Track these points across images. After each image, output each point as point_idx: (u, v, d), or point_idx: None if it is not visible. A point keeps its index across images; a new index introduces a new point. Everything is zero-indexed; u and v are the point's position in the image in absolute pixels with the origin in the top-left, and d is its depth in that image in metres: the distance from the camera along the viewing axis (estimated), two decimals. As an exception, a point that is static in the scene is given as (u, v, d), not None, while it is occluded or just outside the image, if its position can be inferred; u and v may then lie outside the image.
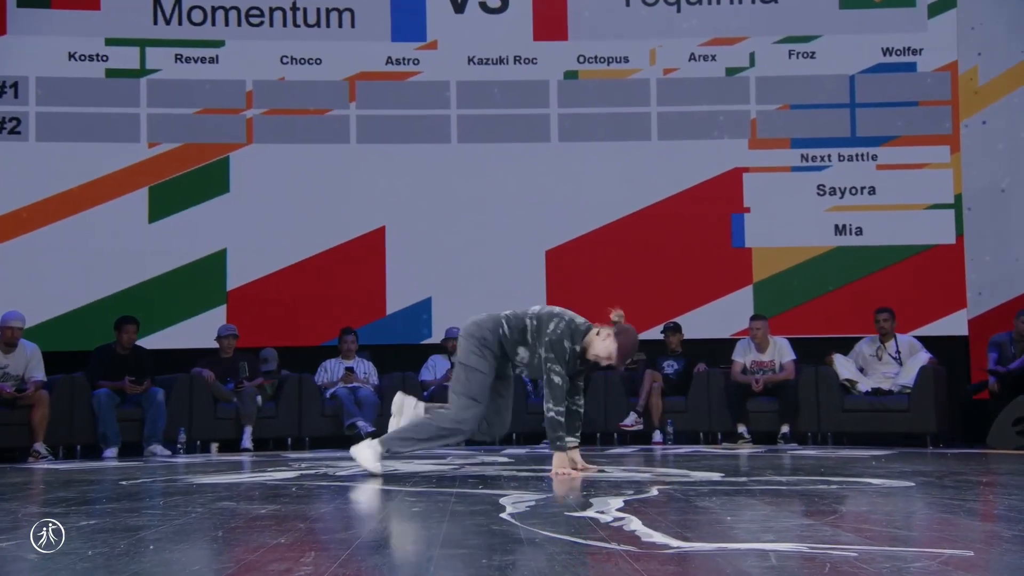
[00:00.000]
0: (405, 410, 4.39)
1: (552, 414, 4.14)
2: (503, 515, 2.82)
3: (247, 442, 7.04)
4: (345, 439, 7.17)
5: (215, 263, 8.23)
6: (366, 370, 7.65)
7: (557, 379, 4.12)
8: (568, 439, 4.24)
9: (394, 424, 4.38)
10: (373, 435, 6.94)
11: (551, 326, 4.20)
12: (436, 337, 8.08)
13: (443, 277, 8.34)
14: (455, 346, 7.68)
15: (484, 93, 8.52)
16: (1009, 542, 2.31)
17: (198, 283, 8.19)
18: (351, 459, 4.29)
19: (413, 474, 4.34)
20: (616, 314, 4.25)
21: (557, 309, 4.33)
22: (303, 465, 5.08)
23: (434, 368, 7.70)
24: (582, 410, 4.37)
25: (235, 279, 8.23)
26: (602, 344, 4.17)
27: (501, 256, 8.36)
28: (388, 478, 4.17)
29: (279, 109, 8.41)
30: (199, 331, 7.97)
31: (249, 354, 7.52)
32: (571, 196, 8.40)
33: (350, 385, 7.42)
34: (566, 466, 4.18)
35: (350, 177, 8.40)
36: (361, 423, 7.07)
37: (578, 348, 4.20)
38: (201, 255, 8.23)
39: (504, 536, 2.44)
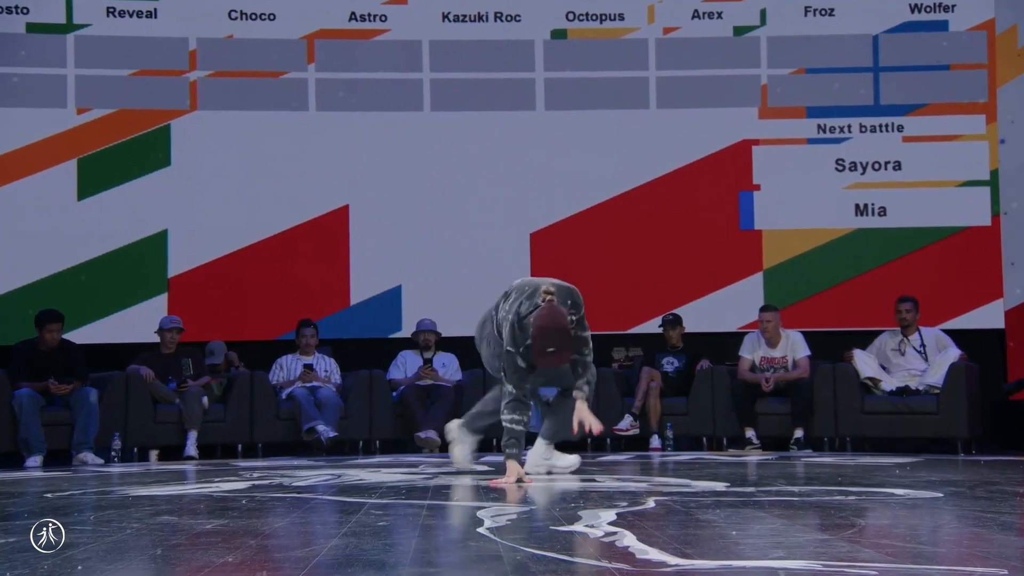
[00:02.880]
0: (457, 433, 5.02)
1: (507, 421, 4.54)
2: (481, 530, 2.84)
3: (191, 449, 7.02)
4: (303, 445, 7.18)
5: (154, 246, 8.18)
6: (327, 368, 7.65)
7: (512, 380, 4.51)
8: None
9: (458, 452, 5.08)
10: (335, 440, 7.05)
11: (506, 306, 4.39)
12: (406, 330, 8.08)
13: (414, 263, 8.33)
14: (428, 340, 7.79)
15: (461, 54, 8.49)
16: (1047, 559, 2.33)
17: (135, 269, 8.14)
18: (308, 466, 4.28)
19: (380, 484, 4.35)
20: (547, 285, 4.53)
21: (524, 282, 4.48)
22: (255, 475, 5.08)
23: (404, 365, 7.69)
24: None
25: (177, 264, 8.19)
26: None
27: (480, 239, 8.35)
28: (351, 489, 4.17)
29: (227, 71, 8.35)
30: (136, 323, 7.92)
31: (194, 349, 7.50)
32: (559, 172, 8.40)
33: (309, 384, 7.40)
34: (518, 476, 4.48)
35: (309, 149, 8.36)
36: (321, 427, 7.07)
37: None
38: (138, 237, 8.17)
39: (481, 553, 2.45)
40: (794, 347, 7.36)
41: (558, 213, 8.48)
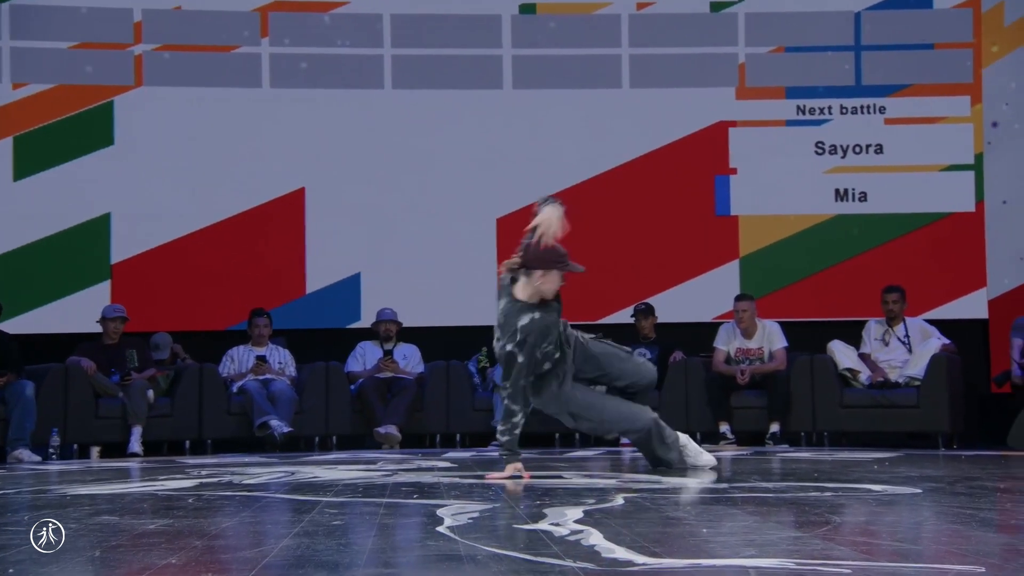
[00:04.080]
0: None
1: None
2: (441, 528, 2.84)
3: (135, 446, 6.97)
4: (255, 442, 7.14)
5: (96, 230, 8.10)
6: (281, 359, 7.61)
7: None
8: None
9: None
10: (289, 436, 7.03)
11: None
12: (366, 320, 8.06)
13: (374, 249, 8.31)
14: (388, 331, 7.78)
15: (424, 29, 8.46)
16: (1027, 556, 2.37)
17: (76, 254, 8.07)
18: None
19: (336, 482, 4.34)
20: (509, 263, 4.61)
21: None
22: (203, 472, 5.06)
23: (363, 357, 7.68)
24: None
25: (121, 250, 8.12)
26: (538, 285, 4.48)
27: (444, 225, 8.34)
28: (306, 487, 4.16)
29: (174, 45, 8.27)
30: (77, 312, 7.86)
31: (139, 340, 7.45)
32: (527, 154, 8.40)
33: (262, 377, 7.38)
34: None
35: (262, 128, 8.30)
36: (275, 422, 7.04)
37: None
38: (79, 221, 8.10)
39: (440, 553, 2.45)
40: (770, 338, 7.42)
41: (526, 197, 8.40)
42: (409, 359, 7.67)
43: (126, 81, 8.21)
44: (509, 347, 4.47)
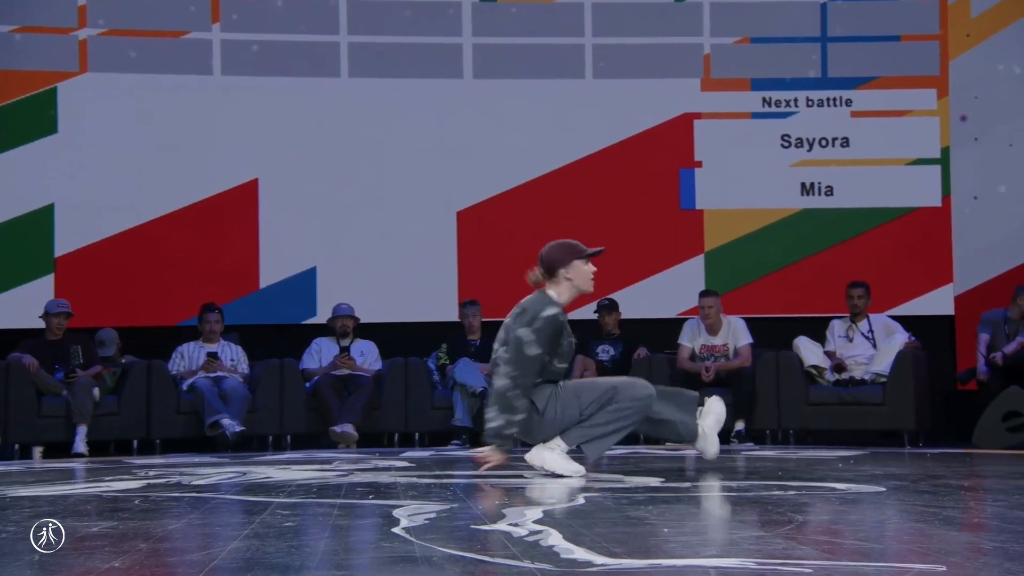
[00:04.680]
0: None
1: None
2: (396, 529, 2.84)
3: (80, 445, 6.90)
4: (206, 441, 7.09)
5: (39, 222, 8.01)
6: (233, 356, 7.57)
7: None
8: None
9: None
10: (241, 435, 6.98)
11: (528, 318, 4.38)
12: (322, 316, 8.03)
13: (330, 243, 8.28)
14: (345, 326, 7.75)
15: (382, 16, 8.43)
16: (989, 555, 2.41)
17: (17, 247, 7.98)
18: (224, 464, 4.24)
19: (289, 482, 4.33)
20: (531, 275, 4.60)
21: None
22: (151, 473, 5.02)
23: (319, 353, 7.65)
24: None
25: (65, 243, 8.04)
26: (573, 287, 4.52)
27: (402, 218, 8.32)
28: (257, 488, 4.14)
29: (121, 29, 8.18)
30: (19, 307, 7.77)
31: (84, 336, 7.37)
32: (488, 146, 8.40)
33: (213, 375, 7.33)
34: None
35: (213, 117, 8.24)
36: (227, 421, 7.00)
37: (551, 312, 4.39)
38: (21, 212, 8.01)
39: (395, 555, 2.45)
40: (735, 334, 7.48)
41: (487, 190, 8.48)
42: (366, 356, 7.65)
43: (70, 67, 8.11)
44: (522, 331, 4.34)
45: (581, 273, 4.59)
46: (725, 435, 7.20)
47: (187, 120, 8.21)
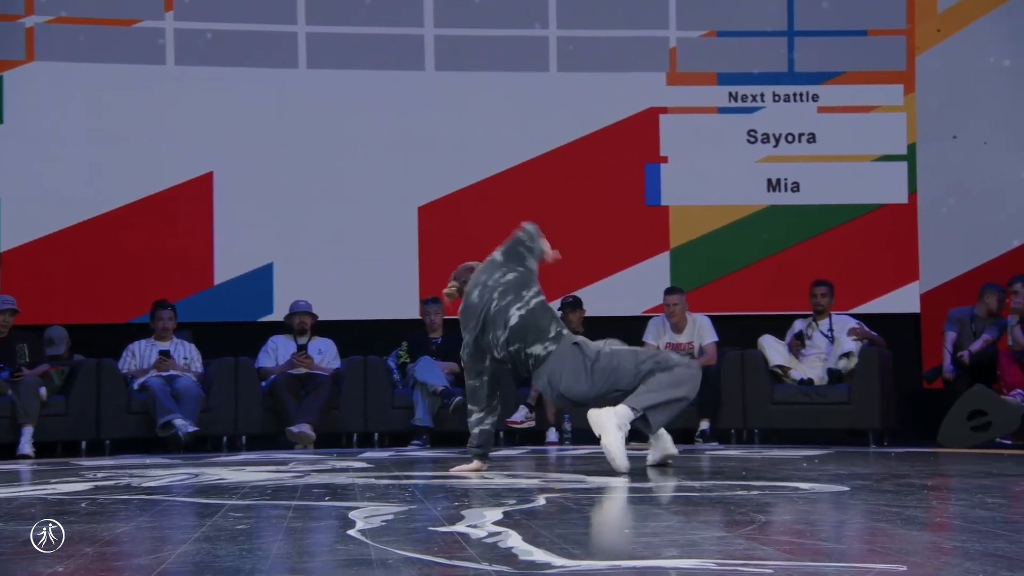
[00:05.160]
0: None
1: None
2: (352, 532, 2.83)
3: (26, 447, 6.83)
4: (157, 442, 7.04)
5: (-15, 216, 7.94)
6: (186, 354, 7.52)
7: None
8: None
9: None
10: (195, 436, 6.93)
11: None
12: (278, 313, 8.00)
13: (288, 238, 8.24)
14: (303, 324, 7.71)
15: (341, 5, 8.40)
16: (949, 555, 2.45)
17: (-39, 242, 7.89)
18: (158, 464, 4.22)
19: (243, 484, 4.30)
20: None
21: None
22: (100, 475, 4.98)
23: (275, 352, 7.61)
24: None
25: (11, 237, 7.96)
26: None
27: (362, 213, 8.29)
28: (210, 489, 4.12)
29: (70, 17, 8.09)
30: (-37, 304, 7.67)
31: (31, 334, 7.30)
32: (450, 140, 8.39)
33: (165, 373, 7.27)
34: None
35: (167, 108, 8.18)
36: (179, 421, 6.95)
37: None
38: (-34, 205, 7.93)
39: (350, 557, 2.45)
40: (701, 332, 7.52)
41: (448, 185, 8.47)
42: (324, 354, 7.62)
43: (16, 56, 8.02)
44: (522, 310, 4.58)
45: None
46: (690, 434, 7.30)
47: (139, 111, 8.14)
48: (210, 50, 8.25)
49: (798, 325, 7.60)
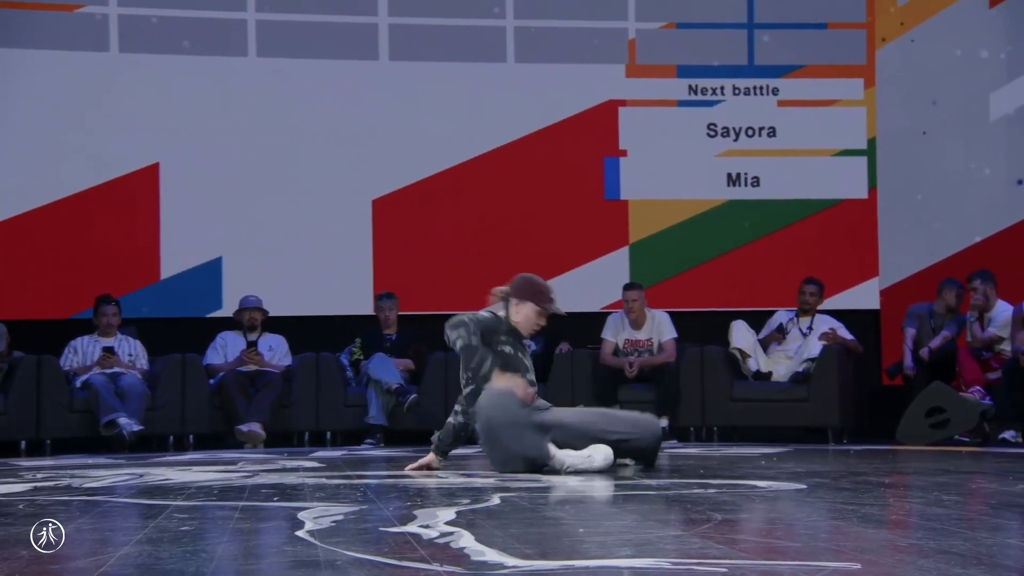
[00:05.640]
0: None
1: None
2: (300, 532, 2.83)
3: (-35, 447, 6.73)
4: (101, 441, 6.97)
5: (-80, 207, 7.81)
6: (131, 351, 7.45)
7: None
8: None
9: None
10: (140, 435, 6.87)
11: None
12: (228, 309, 7.95)
13: (237, 231, 8.19)
14: (253, 319, 7.66)
15: (292, -8, 8.35)
16: (904, 552, 2.49)
17: None
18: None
19: (188, 484, 4.27)
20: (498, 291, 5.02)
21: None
22: (39, 475, 4.93)
23: (224, 348, 7.56)
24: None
25: (-51, 230, 7.86)
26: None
27: (314, 206, 8.26)
28: (154, 490, 4.09)
29: (10, 2, 7.99)
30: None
31: (-31, 330, 7.18)
32: (405, 131, 8.37)
33: (109, 371, 7.21)
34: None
35: (111, 97, 8.10)
36: (123, 420, 6.88)
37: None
38: (-100, 196, 7.80)
39: (297, 559, 2.45)
40: (660, 329, 7.56)
41: (404, 178, 8.45)
42: (275, 351, 7.58)
43: (-46, 41, 7.92)
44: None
45: (525, 317, 5.02)
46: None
47: (82, 100, 8.05)
48: (155, 37, 8.16)
49: (781, 317, 7.66)
